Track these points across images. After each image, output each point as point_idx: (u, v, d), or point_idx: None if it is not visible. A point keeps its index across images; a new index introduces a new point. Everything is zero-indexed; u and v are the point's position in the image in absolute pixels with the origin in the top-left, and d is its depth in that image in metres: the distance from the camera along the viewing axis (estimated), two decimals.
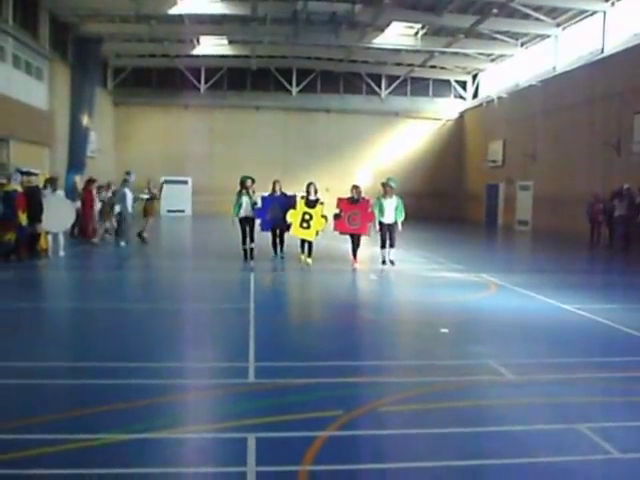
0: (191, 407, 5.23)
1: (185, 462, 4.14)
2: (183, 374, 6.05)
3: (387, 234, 13.84)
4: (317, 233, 14.21)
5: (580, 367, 6.41)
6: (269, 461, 4.05)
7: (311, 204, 14.09)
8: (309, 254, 14.35)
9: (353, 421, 4.79)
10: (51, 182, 15.69)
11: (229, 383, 5.68)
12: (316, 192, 14.30)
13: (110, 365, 6.17)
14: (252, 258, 14.49)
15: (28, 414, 4.78)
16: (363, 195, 14.24)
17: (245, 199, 14.43)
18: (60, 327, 8.29)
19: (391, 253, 13.95)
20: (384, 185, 14.02)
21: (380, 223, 13.85)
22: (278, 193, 14.72)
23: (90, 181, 19.20)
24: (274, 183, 14.79)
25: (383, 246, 13.96)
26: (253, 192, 14.60)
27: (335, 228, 14.13)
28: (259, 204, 14.50)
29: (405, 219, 14.06)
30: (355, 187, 14.14)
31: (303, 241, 14.39)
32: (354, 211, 13.84)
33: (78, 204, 18.71)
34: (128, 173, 18.65)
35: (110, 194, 19.45)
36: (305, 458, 4.08)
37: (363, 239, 14.35)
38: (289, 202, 14.35)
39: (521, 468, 4.13)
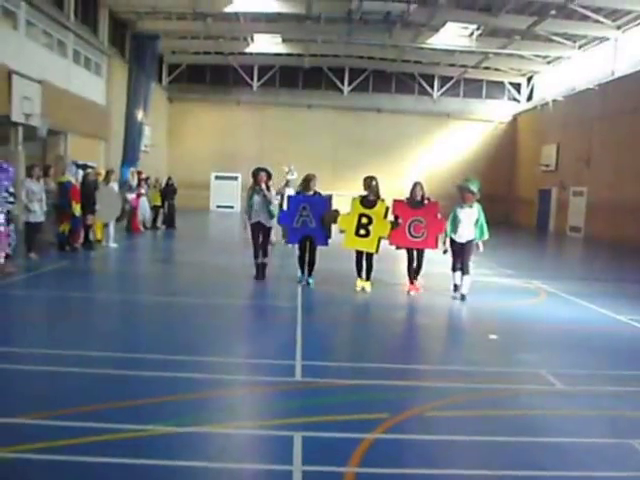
0: (238, 403, 5.27)
1: (231, 458, 4.17)
2: (231, 370, 6.10)
3: (460, 255, 10.39)
4: (379, 243, 10.58)
5: (634, 380, 6.24)
6: (315, 461, 4.06)
7: (369, 204, 10.52)
8: (367, 275, 10.82)
9: (399, 424, 4.76)
10: (106, 175, 16.15)
11: (276, 381, 5.71)
12: (378, 192, 10.66)
13: (159, 357, 6.28)
14: (263, 277, 11.42)
15: (78, 403, 4.89)
16: (428, 196, 10.80)
17: (257, 199, 11.11)
18: (110, 318, 8.46)
19: (464, 283, 10.36)
20: (461, 189, 10.51)
21: (452, 241, 10.48)
22: (311, 192, 11.07)
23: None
24: (306, 179, 11.22)
25: (455, 268, 10.51)
26: (268, 189, 11.17)
27: (391, 241, 10.65)
28: (275, 204, 11.40)
29: (490, 235, 10.73)
30: (417, 185, 10.69)
31: (359, 258, 10.77)
32: (417, 217, 10.41)
33: (132, 196, 19.24)
34: (289, 171, 17.58)
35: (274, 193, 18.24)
36: (351, 460, 4.08)
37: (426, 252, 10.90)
38: (325, 205, 10.93)
39: None
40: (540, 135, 34.78)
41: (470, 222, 10.32)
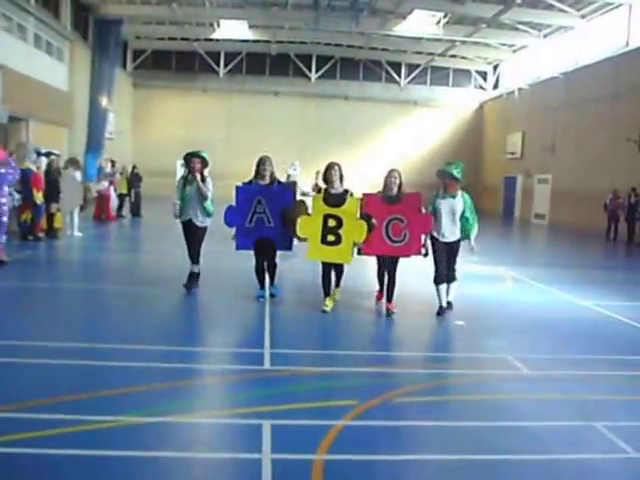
0: (207, 392, 5.23)
1: (200, 447, 4.14)
2: (199, 359, 6.06)
3: (445, 259, 8.24)
4: (353, 250, 8.19)
5: (598, 364, 6.36)
6: (284, 449, 4.05)
7: (336, 201, 8.03)
8: (337, 282, 8.69)
9: (368, 411, 4.78)
10: (70, 162, 15.97)
11: (245, 369, 5.68)
12: (342, 180, 8.25)
13: (126, 347, 6.20)
14: (189, 287, 9.11)
15: (46, 394, 4.80)
16: (405, 189, 8.27)
17: (189, 191, 8.86)
18: (75, 308, 8.32)
19: (450, 290, 8.47)
20: (442, 175, 8.34)
21: (434, 241, 8.23)
22: (267, 180, 8.49)
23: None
24: (260, 162, 8.56)
25: (439, 279, 8.24)
26: (203, 180, 8.87)
27: (365, 250, 8.25)
28: (209, 196, 8.88)
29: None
30: (392, 173, 8.21)
31: (327, 271, 8.38)
32: (394, 215, 8.02)
33: (104, 185, 19.10)
34: (293, 165, 15.98)
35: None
36: (320, 447, 4.08)
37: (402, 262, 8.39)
38: (288, 197, 8.45)
39: (536, 464, 4.11)
40: (506, 123, 35.14)
41: (454, 216, 8.21)
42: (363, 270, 10.93)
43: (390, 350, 6.83)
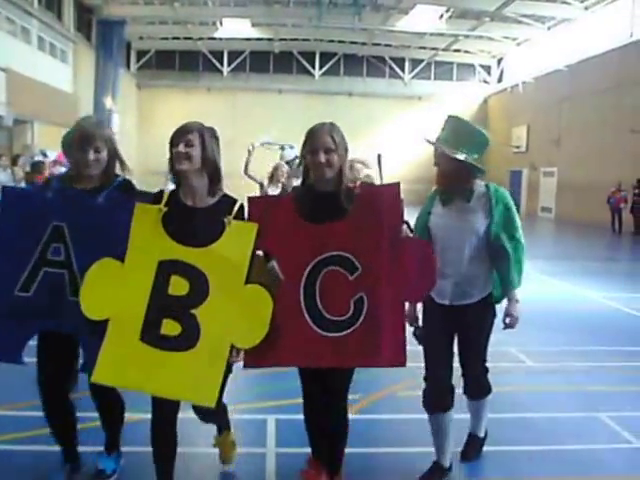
0: None
1: (205, 442, 4.17)
2: None
3: (446, 348, 3.79)
4: (226, 366, 2.95)
5: (603, 356, 6.36)
6: (289, 443, 4.08)
7: (193, 228, 2.99)
8: (219, 429, 3.78)
9: (372, 405, 4.80)
10: None
11: None
12: (217, 182, 3.34)
13: None
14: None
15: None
16: (367, 173, 5.20)
17: None
18: None
19: (482, 412, 4.02)
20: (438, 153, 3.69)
21: (425, 302, 3.65)
22: (92, 182, 3.30)
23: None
24: (82, 142, 3.25)
25: (433, 399, 3.79)
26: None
27: (251, 360, 3.08)
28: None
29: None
30: (319, 137, 3.29)
31: (169, 409, 3.11)
32: (330, 253, 2.91)
33: None
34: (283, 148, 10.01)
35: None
36: None
37: None
38: (113, 228, 2.98)
39: (540, 455, 4.12)
40: (510, 116, 35.03)
41: (469, 245, 3.61)
42: None
43: None
